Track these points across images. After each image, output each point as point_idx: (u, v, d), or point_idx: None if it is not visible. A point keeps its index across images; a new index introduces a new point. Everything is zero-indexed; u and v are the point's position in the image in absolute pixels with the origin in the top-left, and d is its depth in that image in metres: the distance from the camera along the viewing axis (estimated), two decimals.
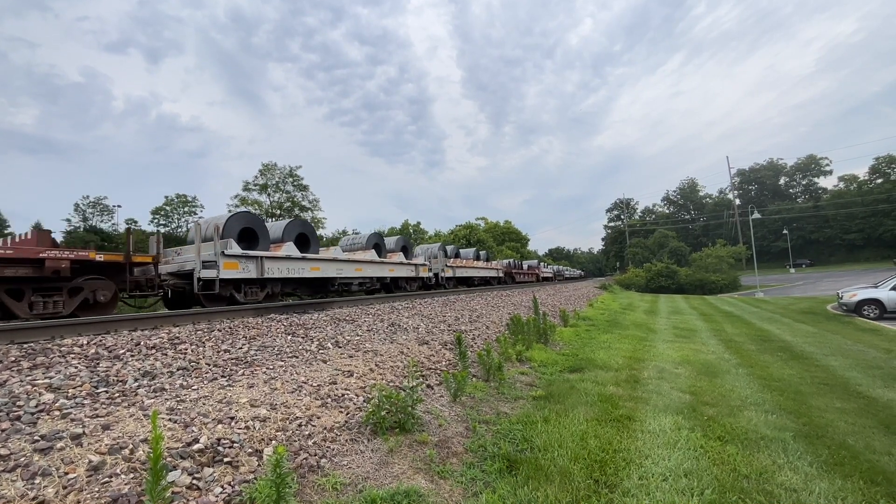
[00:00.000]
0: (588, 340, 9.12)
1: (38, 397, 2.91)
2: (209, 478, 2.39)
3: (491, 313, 10.44)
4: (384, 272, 13.40)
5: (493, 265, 23.86)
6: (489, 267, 22.74)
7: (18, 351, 3.88)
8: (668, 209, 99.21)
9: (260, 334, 5.54)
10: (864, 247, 68.65)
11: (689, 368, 6.78)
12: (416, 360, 5.53)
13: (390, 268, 13.75)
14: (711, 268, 43.94)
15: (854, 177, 75.53)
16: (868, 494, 2.90)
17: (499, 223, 61.99)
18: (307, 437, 3.09)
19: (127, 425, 2.71)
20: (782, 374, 6.58)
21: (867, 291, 14.75)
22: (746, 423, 4.22)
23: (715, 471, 3.13)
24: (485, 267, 22.10)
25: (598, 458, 3.25)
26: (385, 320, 7.55)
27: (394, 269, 13.91)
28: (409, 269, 14.80)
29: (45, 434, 2.44)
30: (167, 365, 3.97)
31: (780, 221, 72.64)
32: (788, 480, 3.04)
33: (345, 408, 3.70)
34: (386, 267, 13.56)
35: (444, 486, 2.82)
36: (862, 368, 6.96)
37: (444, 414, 4.05)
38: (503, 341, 6.93)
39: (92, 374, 3.46)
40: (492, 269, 23.13)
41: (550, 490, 2.75)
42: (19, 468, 2.13)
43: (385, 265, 13.56)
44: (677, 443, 3.62)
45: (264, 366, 4.38)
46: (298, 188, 40.60)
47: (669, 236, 67.55)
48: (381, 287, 13.71)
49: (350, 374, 4.50)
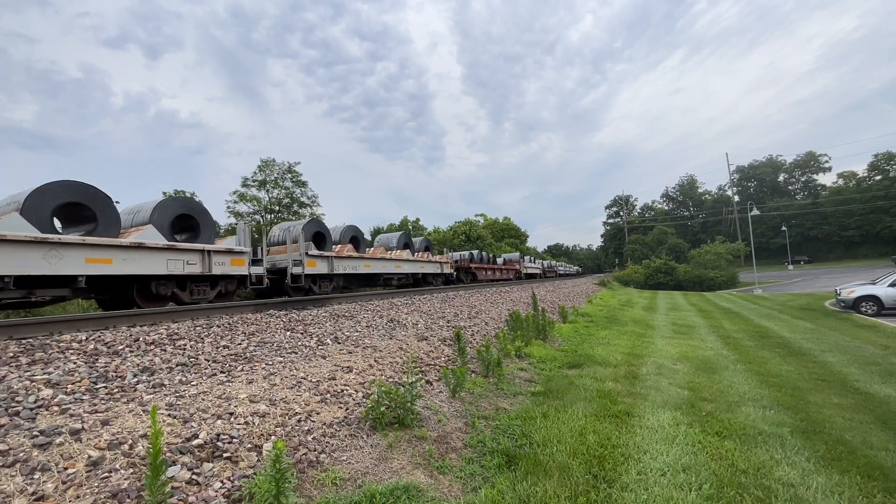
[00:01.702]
0: (587, 337, 9.14)
1: (36, 393, 2.91)
2: (209, 473, 2.39)
3: (490, 309, 10.45)
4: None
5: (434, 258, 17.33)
6: (421, 260, 16.03)
7: (17, 346, 3.87)
8: (667, 206, 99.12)
9: (259, 330, 5.54)
10: (863, 243, 68.78)
11: (688, 364, 6.80)
12: (416, 356, 5.53)
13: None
14: (710, 264, 43.98)
15: (853, 174, 75.53)
16: (865, 489, 2.92)
17: (498, 220, 61.91)
18: (306, 432, 3.09)
19: (126, 421, 2.71)
20: (780, 371, 6.60)
21: (865, 288, 14.79)
22: (744, 419, 4.24)
23: (713, 466, 3.14)
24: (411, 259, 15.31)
25: (597, 453, 3.26)
26: (384, 316, 7.55)
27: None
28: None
29: (44, 429, 2.44)
30: (166, 361, 3.97)
31: (779, 218, 72.64)
32: (786, 475, 3.06)
33: (344, 403, 3.71)
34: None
35: (444, 481, 2.83)
36: (859, 364, 6.99)
37: (444, 409, 4.06)
38: (502, 337, 6.94)
39: (91, 370, 3.46)
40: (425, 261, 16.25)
41: (549, 485, 2.76)
42: (18, 463, 2.12)
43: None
44: (675, 438, 3.63)
45: (263, 361, 4.37)
46: (297, 184, 40.42)
47: (668, 233, 67.63)
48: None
49: (349, 370, 4.50)
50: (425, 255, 16.71)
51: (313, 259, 10.46)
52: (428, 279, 16.65)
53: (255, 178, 38.65)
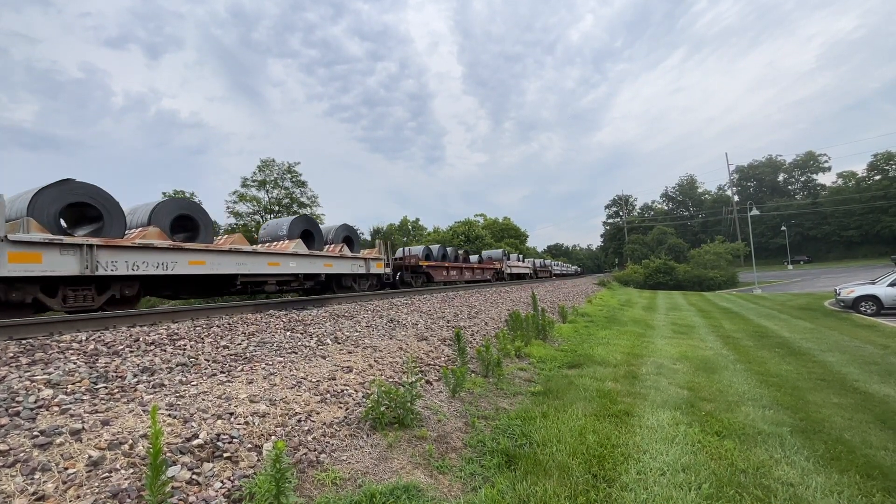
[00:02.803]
0: (587, 336, 9.14)
1: (36, 393, 2.91)
2: (209, 473, 2.39)
3: (490, 310, 10.46)
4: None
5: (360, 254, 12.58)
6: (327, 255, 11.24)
7: (17, 347, 3.87)
8: (666, 206, 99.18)
9: (259, 330, 5.54)
10: (862, 243, 68.84)
11: (687, 364, 6.80)
12: (416, 356, 5.54)
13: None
14: (710, 264, 44.02)
15: (852, 174, 75.58)
16: (864, 488, 2.92)
17: (497, 219, 61.94)
18: (306, 432, 3.10)
19: (126, 421, 2.71)
20: (780, 370, 6.61)
21: (864, 288, 14.80)
22: (744, 419, 4.24)
23: (712, 465, 3.15)
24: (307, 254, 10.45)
25: (597, 452, 3.27)
26: (384, 316, 7.55)
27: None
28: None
29: (44, 429, 2.44)
30: (166, 361, 3.97)
31: (779, 218, 72.71)
32: (785, 475, 3.06)
33: (344, 403, 3.71)
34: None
35: (443, 481, 2.83)
36: (859, 364, 7.00)
37: (443, 409, 4.06)
38: (502, 337, 6.94)
39: (91, 370, 3.46)
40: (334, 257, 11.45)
41: (549, 485, 2.76)
42: (19, 463, 2.12)
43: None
44: (675, 438, 3.64)
45: (263, 361, 4.38)
46: (297, 184, 40.48)
47: (668, 233, 67.67)
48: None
49: (349, 370, 4.51)
50: (337, 249, 11.80)
51: None
52: (344, 282, 12.01)
53: (254, 178, 38.69)
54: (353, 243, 9.87)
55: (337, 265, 11.45)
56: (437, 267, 17.39)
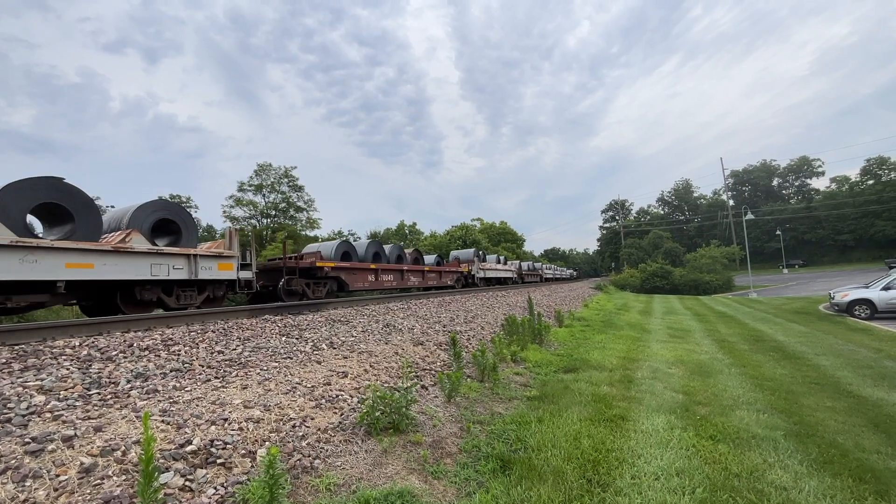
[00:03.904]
0: (583, 341, 9.16)
1: (29, 399, 2.89)
2: (202, 479, 2.38)
3: (486, 314, 10.46)
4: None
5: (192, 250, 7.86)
6: (118, 249, 6.59)
7: (9, 353, 3.85)
8: (662, 210, 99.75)
9: (254, 335, 5.52)
10: (856, 247, 69.40)
11: (683, 368, 6.83)
12: (411, 360, 5.53)
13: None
14: (705, 268, 44.21)
15: (846, 178, 76.30)
16: (857, 492, 2.94)
17: (494, 224, 62.03)
18: (301, 437, 3.09)
19: (119, 427, 2.69)
20: (774, 374, 6.64)
21: (858, 292, 14.91)
22: (738, 423, 4.26)
23: (707, 470, 3.16)
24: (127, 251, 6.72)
25: (592, 457, 3.27)
26: (380, 321, 7.54)
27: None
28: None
29: (36, 436, 2.43)
30: (160, 366, 3.95)
31: (774, 222, 73.29)
32: (779, 479, 3.08)
33: (339, 409, 3.70)
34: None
35: (438, 487, 2.83)
36: (853, 368, 7.04)
37: (439, 414, 4.06)
38: (498, 342, 6.94)
39: (84, 376, 3.44)
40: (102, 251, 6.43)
41: (544, 490, 2.76)
42: (10, 470, 2.11)
43: None
44: (670, 442, 3.65)
45: (258, 367, 4.36)
46: (294, 189, 40.49)
47: (664, 237, 67.89)
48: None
49: (344, 375, 4.50)
50: (117, 239, 6.96)
51: None
52: (142, 294, 7.22)
53: (251, 182, 38.69)
54: (181, 233, 7.25)
55: (111, 265, 6.58)
56: (356, 270, 12.60)
